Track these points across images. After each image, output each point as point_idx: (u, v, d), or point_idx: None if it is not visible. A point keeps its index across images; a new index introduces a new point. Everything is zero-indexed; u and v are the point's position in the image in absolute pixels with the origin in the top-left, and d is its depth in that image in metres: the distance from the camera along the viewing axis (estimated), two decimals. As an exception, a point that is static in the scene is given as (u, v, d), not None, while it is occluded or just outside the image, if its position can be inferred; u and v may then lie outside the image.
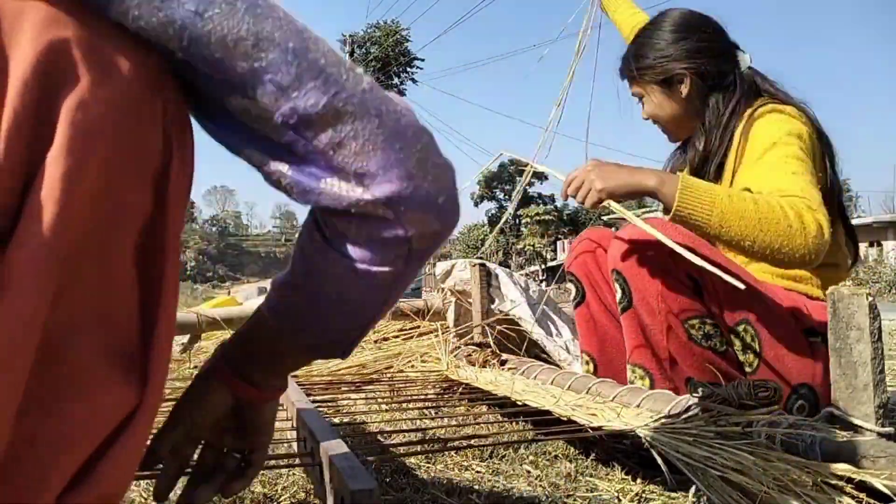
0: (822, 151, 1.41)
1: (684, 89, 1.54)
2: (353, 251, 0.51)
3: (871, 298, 0.91)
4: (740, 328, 1.28)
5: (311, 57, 0.47)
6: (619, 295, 1.35)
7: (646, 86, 1.60)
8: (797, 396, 1.28)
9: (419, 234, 0.50)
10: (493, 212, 39.99)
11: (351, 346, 0.61)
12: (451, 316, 2.22)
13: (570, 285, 1.68)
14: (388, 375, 1.83)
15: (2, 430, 0.39)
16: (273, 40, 0.46)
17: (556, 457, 1.28)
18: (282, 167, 0.48)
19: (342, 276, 0.52)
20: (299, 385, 1.50)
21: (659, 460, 0.98)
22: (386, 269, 0.51)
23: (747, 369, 1.28)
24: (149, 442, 0.63)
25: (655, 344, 1.33)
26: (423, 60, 29.20)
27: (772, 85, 1.52)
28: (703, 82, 1.52)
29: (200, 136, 0.53)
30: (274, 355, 0.64)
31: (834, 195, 1.40)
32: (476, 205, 40.21)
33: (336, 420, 1.52)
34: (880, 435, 0.88)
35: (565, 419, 1.17)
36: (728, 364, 1.28)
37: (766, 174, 1.28)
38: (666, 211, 1.23)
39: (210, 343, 2.40)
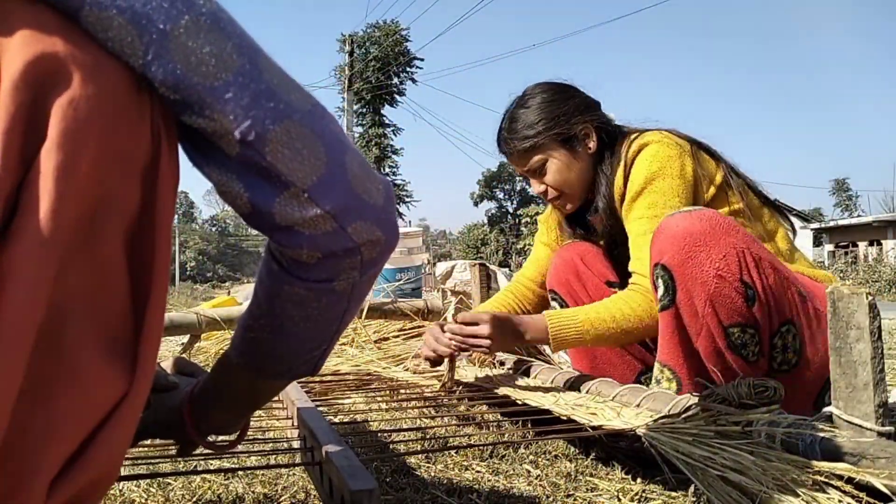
0: (702, 162, 1.43)
1: (592, 143, 1.51)
2: (310, 272, 0.53)
3: (870, 297, 0.91)
4: (784, 328, 1.24)
5: (266, 77, 0.49)
6: (660, 291, 1.27)
7: (547, 151, 1.51)
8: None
9: (366, 242, 0.53)
10: (493, 211, 40.00)
11: (319, 362, 0.63)
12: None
13: (553, 303, 1.66)
14: (388, 375, 1.82)
15: (2, 418, 0.40)
16: (233, 60, 0.48)
17: (556, 456, 1.28)
18: (237, 186, 0.50)
19: (303, 297, 0.55)
20: (299, 385, 1.49)
21: (659, 460, 0.98)
22: (342, 281, 0.54)
23: (784, 367, 1.25)
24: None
25: (690, 346, 1.28)
26: (422, 60, 29.15)
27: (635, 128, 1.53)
28: (605, 135, 1.51)
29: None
30: (240, 393, 0.68)
31: (736, 186, 1.43)
32: (476, 204, 40.22)
33: (336, 420, 1.52)
34: (880, 434, 0.88)
35: (565, 419, 1.17)
36: (755, 374, 1.24)
37: (633, 225, 1.43)
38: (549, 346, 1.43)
39: (210, 343, 2.39)
